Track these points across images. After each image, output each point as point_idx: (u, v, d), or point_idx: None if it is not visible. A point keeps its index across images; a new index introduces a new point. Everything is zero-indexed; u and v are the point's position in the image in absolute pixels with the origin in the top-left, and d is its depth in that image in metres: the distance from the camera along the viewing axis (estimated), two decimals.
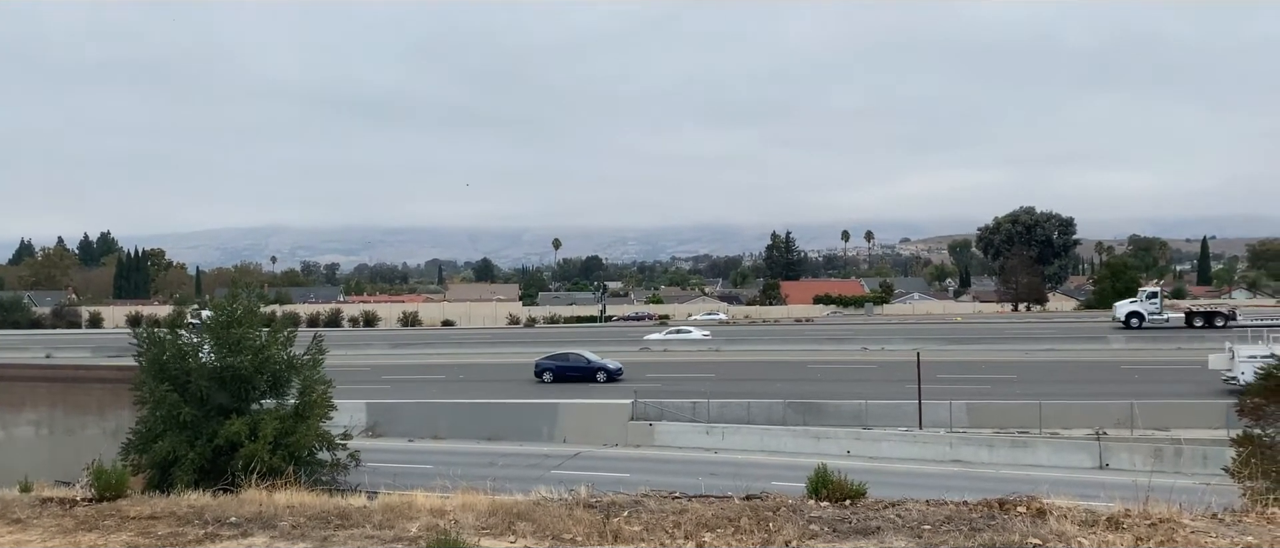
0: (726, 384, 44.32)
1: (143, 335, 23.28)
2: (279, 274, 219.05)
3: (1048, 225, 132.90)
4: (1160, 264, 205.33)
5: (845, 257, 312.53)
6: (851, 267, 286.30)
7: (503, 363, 56.87)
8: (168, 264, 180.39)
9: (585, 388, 44.41)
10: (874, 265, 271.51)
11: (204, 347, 23.14)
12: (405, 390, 44.96)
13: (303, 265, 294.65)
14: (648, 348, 62.89)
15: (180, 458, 21.32)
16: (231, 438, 21.29)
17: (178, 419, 21.72)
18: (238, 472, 19.44)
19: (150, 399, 22.17)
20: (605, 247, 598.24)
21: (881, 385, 42.53)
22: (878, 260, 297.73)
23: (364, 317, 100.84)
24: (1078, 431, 34.26)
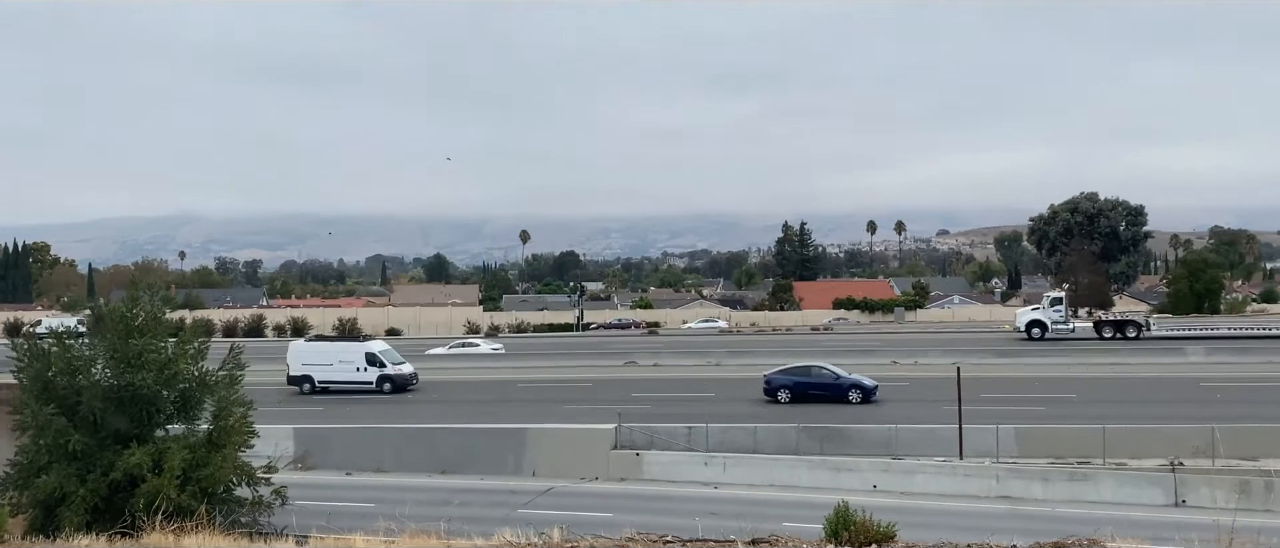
0: (729, 405, 44.33)
1: (22, 347, 23.16)
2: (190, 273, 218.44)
3: (1113, 215, 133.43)
4: (1248, 261, 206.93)
5: (871, 252, 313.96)
6: (878, 264, 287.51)
7: (459, 380, 56.71)
8: (54, 261, 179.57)
9: (565, 408, 44.37)
10: (906, 263, 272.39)
11: (97, 361, 23.04)
12: (342, 413, 44.79)
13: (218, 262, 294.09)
14: (633, 363, 62.87)
15: (69, 496, 21.21)
16: (131, 471, 21.20)
17: (66, 449, 21.60)
18: (139, 512, 19.35)
19: (32, 425, 22.05)
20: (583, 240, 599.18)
21: (914, 407, 42.60)
22: (910, 257, 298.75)
23: (292, 324, 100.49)
24: (1149, 460, 34.43)
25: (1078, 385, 48.85)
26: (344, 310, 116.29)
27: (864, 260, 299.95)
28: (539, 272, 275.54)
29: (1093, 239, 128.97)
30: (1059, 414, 40.81)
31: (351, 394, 50.73)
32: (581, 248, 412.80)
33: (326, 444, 38.87)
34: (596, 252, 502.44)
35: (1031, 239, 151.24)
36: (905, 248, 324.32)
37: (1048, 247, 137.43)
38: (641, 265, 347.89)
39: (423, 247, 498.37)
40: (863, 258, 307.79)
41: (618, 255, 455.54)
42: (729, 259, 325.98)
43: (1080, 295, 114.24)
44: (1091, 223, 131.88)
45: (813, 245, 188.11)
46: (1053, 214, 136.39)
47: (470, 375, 58.93)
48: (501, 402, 48.17)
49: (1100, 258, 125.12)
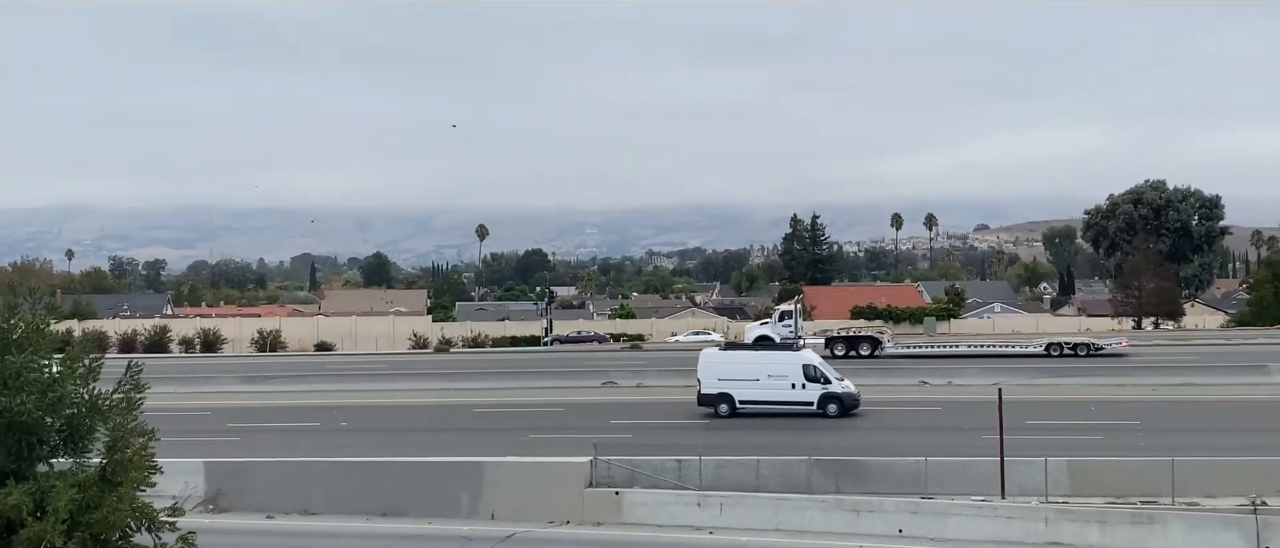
0: (726, 434, 44.40)
1: None
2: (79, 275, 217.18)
3: (1184, 207, 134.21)
4: None
5: (896, 251, 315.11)
6: (905, 265, 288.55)
7: (406, 405, 56.72)
8: None
9: (530, 438, 44.30)
10: (937, 263, 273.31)
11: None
12: (262, 445, 44.71)
13: (113, 263, 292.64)
14: (612, 384, 62.95)
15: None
16: (7, 514, 21.09)
17: None
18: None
19: None
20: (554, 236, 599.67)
21: (948, 436, 42.74)
22: (943, 256, 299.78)
23: (202, 337, 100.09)
24: (1226, 499, 34.59)
25: (1142, 411, 49.11)
26: (265, 321, 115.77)
27: (888, 261, 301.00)
28: (499, 274, 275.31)
29: (1159, 236, 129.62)
30: (1119, 444, 41.01)
31: (783, 416, 48.47)
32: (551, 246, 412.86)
33: (244, 481, 38.72)
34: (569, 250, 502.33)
35: (1086, 236, 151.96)
36: (937, 246, 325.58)
37: (1106, 245, 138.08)
38: (623, 267, 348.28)
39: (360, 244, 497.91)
40: (886, 258, 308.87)
41: (594, 254, 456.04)
42: (727, 259, 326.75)
43: (1145, 303, 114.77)
44: (1158, 217, 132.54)
45: (827, 243, 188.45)
46: (1112, 206, 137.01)
47: (416, 399, 58.92)
48: (454, 430, 48.16)
49: (1168, 258, 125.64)
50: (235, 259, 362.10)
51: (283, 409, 56.23)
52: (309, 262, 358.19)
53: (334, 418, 52.49)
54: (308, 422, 51.30)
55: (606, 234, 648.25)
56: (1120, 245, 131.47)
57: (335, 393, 62.16)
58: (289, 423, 51.19)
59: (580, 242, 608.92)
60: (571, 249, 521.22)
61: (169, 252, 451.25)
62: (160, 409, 30.24)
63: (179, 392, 59.38)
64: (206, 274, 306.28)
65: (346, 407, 56.17)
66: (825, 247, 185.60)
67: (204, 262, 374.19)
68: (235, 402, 59.55)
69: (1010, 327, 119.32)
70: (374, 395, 60.95)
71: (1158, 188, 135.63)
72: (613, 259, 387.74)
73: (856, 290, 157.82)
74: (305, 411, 55.19)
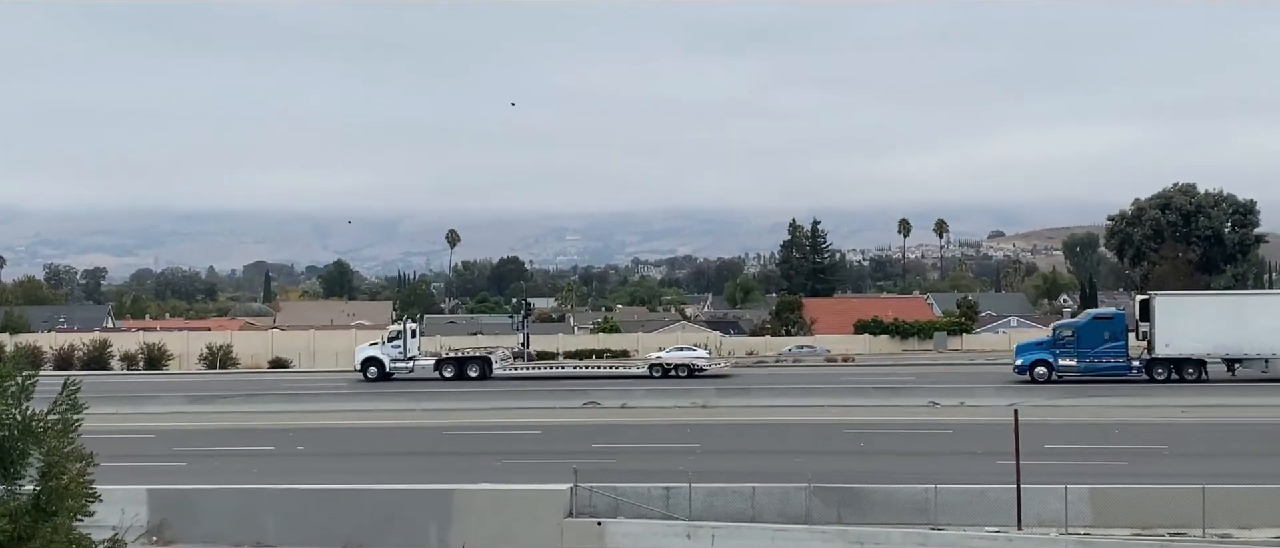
0: (718, 459, 44.34)
1: None
2: (11, 285, 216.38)
3: (1216, 213, 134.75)
4: None
5: (904, 260, 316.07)
6: (913, 275, 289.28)
7: (369, 427, 56.63)
8: None
9: (504, 463, 44.27)
10: (948, 274, 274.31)
11: None
12: (211, 470, 44.54)
13: (49, 271, 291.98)
14: (595, 404, 62.99)
15: None
16: None
17: None
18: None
19: None
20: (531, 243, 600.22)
21: (959, 461, 42.77)
22: (954, 266, 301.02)
23: (146, 353, 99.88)
24: (1263, 531, 34.69)
25: (1170, 434, 49.17)
26: (215, 335, 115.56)
27: (895, 270, 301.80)
28: (472, 284, 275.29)
29: (1189, 244, 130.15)
30: (1146, 471, 41.05)
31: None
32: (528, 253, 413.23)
33: (191, 510, 38.55)
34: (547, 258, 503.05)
35: (1110, 244, 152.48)
36: (948, 254, 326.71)
37: (1131, 253, 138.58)
38: (606, 276, 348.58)
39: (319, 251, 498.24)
40: (893, 267, 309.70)
41: (575, 263, 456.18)
42: (720, 268, 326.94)
43: None
44: (1188, 223, 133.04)
45: (829, 251, 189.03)
46: (1137, 212, 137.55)
47: (380, 421, 58.86)
48: (421, 454, 48.06)
49: (1199, 268, 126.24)
50: (183, 268, 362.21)
51: (234, 432, 56.05)
52: (263, 270, 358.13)
53: (290, 441, 52.25)
54: (261, 445, 51.10)
55: (589, 241, 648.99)
56: (1147, 254, 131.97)
57: (292, 414, 61.85)
58: (241, 447, 51.01)
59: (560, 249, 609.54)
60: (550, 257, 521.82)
61: (110, 259, 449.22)
62: (100, 431, 30.06)
63: (120, 412, 59.06)
64: (151, 284, 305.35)
65: (304, 429, 55.87)
66: (827, 255, 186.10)
67: (149, 270, 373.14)
68: (182, 423, 59.31)
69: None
70: (334, 417, 60.81)
71: (1187, 192, 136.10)
72: (595, 268, 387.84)
73: (861, 303, 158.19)
74: (258, 433, 54.95)
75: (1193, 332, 64.70)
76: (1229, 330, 64.25)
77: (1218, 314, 65.69)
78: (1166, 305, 66.92)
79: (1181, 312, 66.21)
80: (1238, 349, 64.54)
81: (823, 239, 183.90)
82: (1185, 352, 64.93)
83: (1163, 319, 65.34)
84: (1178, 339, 64.83)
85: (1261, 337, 64.08)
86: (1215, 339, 64.62)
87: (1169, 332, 65.14)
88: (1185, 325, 64.87)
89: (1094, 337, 66.58)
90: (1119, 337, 66.39)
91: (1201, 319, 65.19)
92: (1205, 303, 70.76)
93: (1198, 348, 64.90)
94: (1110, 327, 67.45)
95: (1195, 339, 64.80)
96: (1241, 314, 65.30)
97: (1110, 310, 74.29)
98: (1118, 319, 69.15)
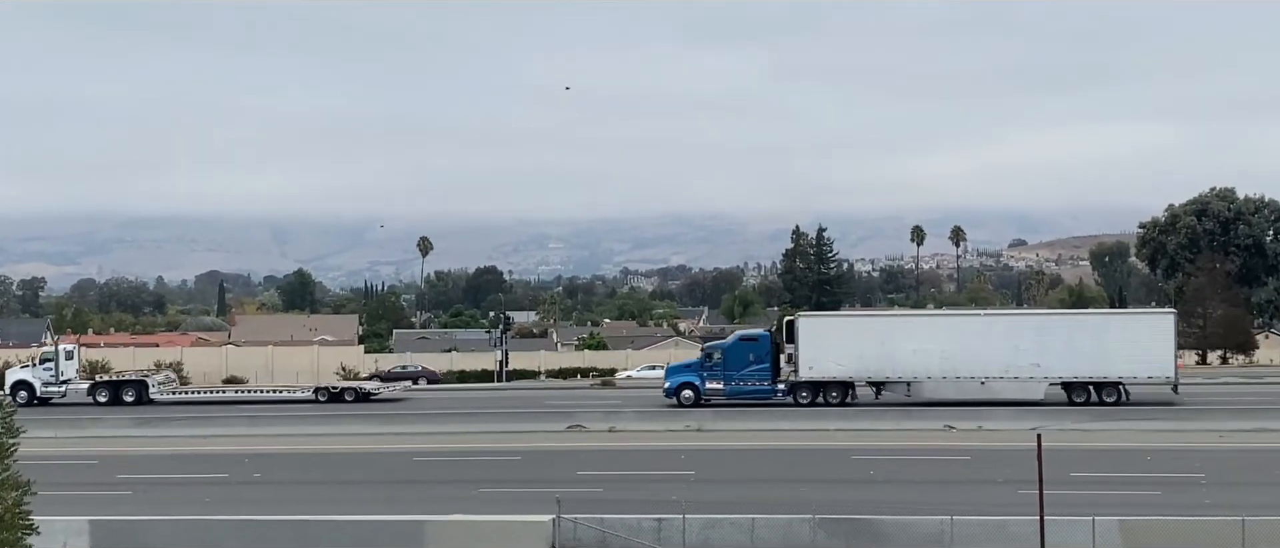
0: (715, 488, 44.14)
1: None
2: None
3: (1257, 219, 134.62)
4: None
5: (917, 270, 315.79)
6: (928, 287, 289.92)
7: (332, 452, 56.37)
8: None
9: (481, 492, 43.90)
10: (966, 285, 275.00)
11: None
12: (160, 500, 44.18)
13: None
14: (580, 427, 62.75)
15: None
16: None
17: None
18: None
19: None
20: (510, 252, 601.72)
21: (977, 490, 42.55)
22: (972, 277, 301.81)
23: (89, 371, 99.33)
24: None
25: (1207, 461, 48.96)
26: (164, 352, 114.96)
27: (907, 282, 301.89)
28: (445, 296, 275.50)
29: (1228, 254, 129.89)
30: (1180, 501, 40.83)
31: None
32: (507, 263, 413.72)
33: (137, 542, 38.24)
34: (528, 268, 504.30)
35: (1141, 254, 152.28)
36: (965, 264, 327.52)
37: (1164, 264, 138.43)
38: (592, 288, 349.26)
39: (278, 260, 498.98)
40: (906, 278, 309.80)
41: (558, 273, 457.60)
42: (717, 279, 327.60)
43: (1211, 334, 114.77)
44: (1226, 231, 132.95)
45: (835, 260, 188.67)
46: (1171, 219, 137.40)
47: (345, 446, 58.63)
48: (390, 482, 47.81)
49: (1238, 281, 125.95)
50: (129, 278, 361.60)
51: (184, 457, 55.89)
52: (217, 280, 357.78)
53: (246, 468, 52.07)
54: (214, 472, 50.93)
55: (573, 249, 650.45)
56: (1181, 265, 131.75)
57: (248, 438, 61.82)
58: (192, 474, 50.84)
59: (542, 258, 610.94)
60: (531, 267, 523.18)
61: (49, 268, 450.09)
62: (38, 457, 29.51)
63: (60, 437, 58.88)
64: (94, 295, 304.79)
65: (261, 454, 55.73)
66: (833, 265, 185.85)
67: (91, 280, 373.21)
68: (127, 448, 58.98)
69: None
70: (294, 441, 60.55)
71: (1226, 197, 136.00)
72: (580, 279, 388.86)
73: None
74: (211, 459, 54.85)
75: (836, 354, 66.92)
76: (873, 353, 66.53)
77: (861, 336, 68.33)
78: (810, 327, 68.98)
79: (825, 334, 68.63)
80: (881, 372, 66.70)
81: (829, 248, 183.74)
82: (829, 374, 66.86)
83: (807, 341, 67.14)
84: (821, 362, 66.81)
85: (905, 359, 66.26)
86: (858, 362, 66.82)
87: (813, 354, 66.94)
88: (829, 348, 67.06)
89: (740, 359, 68.36)
90: (764, 359, 68.08)
91: (845, 341, 67.64)
92: (849, 325, 74.97)
93: (841, 371, 66.94)
94: (755, 349, 69.02)
95: (838, 362, 66.97)
96: (885, 336, 67.95)
97: (756, 332, 75.96)
98: (763, 341, 70.55)
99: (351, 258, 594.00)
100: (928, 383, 66.04)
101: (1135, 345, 66.08)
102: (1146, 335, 67.22)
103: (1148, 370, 65.82)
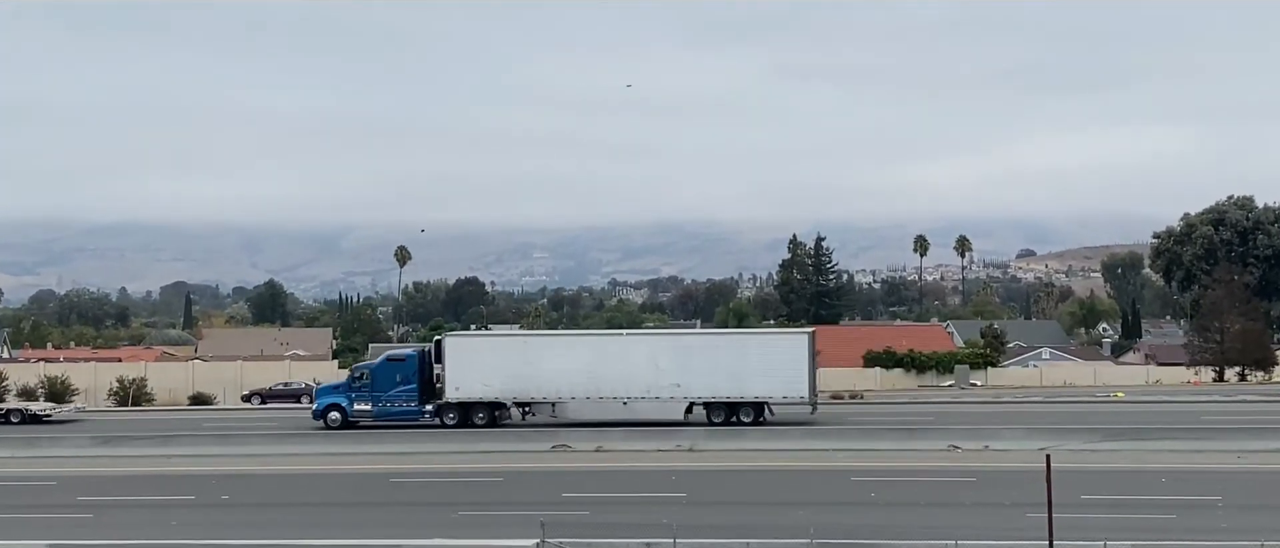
0: (707, 511, 44.18)
1: None
2: None
3: (1276, 229, 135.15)
4: None
5: (921, 282, 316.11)
6: (931, 299, 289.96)
7: (304, 473, 56.35)
8: None
9: (460, 515, 44.11)
10: (971, 298, 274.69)
11: None
12: (123, 523, 44.27)
13: None
14: (565, 447, 62.87)
15: None
16: None
17: None
18: None
19: None
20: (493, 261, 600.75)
21: (984, 513, 42.70)
22: (978, 289, 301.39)
23: (47, 387, 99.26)
24: None
25: (1225, 483, 49.15)
26: (127, 367, 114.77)
27: (910, 294, 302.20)
28: (424, 309, 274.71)
29: (1246, 265, 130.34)
30: (1196, 526, 40.97)
31: None
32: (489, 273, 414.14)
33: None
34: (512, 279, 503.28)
35: (1155, 265, 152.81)
36: (970, 276, 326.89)
37: (1180, 276, 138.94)
38: (579, 300, 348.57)
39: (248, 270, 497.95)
40: (908, 290, 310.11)
41: (544, 284, 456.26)
42: (710, 291, 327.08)
43: (1228, 349, 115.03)
44: (1244, 241, 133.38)
45: (834, 271, 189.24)
46: (1187, 228, 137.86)
47: (318, 466, 58.57)
48: (366, 504, 47.83)
49: (1258, 294, 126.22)
50: (90, 289, 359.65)
51: (148, 478, 55.60)
52: (183, 292, 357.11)
53: (214, 489, 51.99)
54: (180, 494, 50.77)
55: (559, 259, 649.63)
56: (1198, 277, 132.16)
57: (215, 458, 61.60)
58: (157, 495, 50.58)
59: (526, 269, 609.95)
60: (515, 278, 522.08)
61: (6, 278, 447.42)
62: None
63: (16, 457, 58.99)
64: (54, 307, 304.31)
65: (230, 475, 55.63)
66: (832, 276, 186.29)
67: (51, 291, 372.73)
68: (88, 469, 58.71)
69: (1060, 378, 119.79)
70: (265, 462, 60.40)
71: (1244, 206, 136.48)
72: (567, 290, 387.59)
73: (871, 331, 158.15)
74: (177, 480, 54.68)
75: (483, 375, 69.25)
76: (519, 373, 69.17)
77: (508, 356, 70.95)
78: (457, 347, 71.44)
79: (472, 354, 71.42)
80: (526, 392, 69.29)
81: (827, 258, 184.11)
82: (475, 395, 69.32)
83: (454, 362, 69.43)
84: (468, 382, 69.09)
85: (550, 380, 68.66)
86: (504, 382, 69.26)
87: (460, 375, 69.15)
88: (476, 368, 69.40)
89: (388, 379, 70.54)
90: (411, 379, 70.29)
91: (492, 362, 70.30)
92: (495, 344, 77.53)
93: (487, 391, 69.20)
94: (402, 369, 70.99)
95: (485, 383, 69.24)
96: (530, 356, 70.36)
97: (404, 351, 78.16)
98: (410, 361, 72.38)
99: (325, 268, 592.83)
100: (572, 403, 68.58)
101: (773, 366, 69.00)
102: (784, 356, 70.12)
103: (784, 390, 68.61)
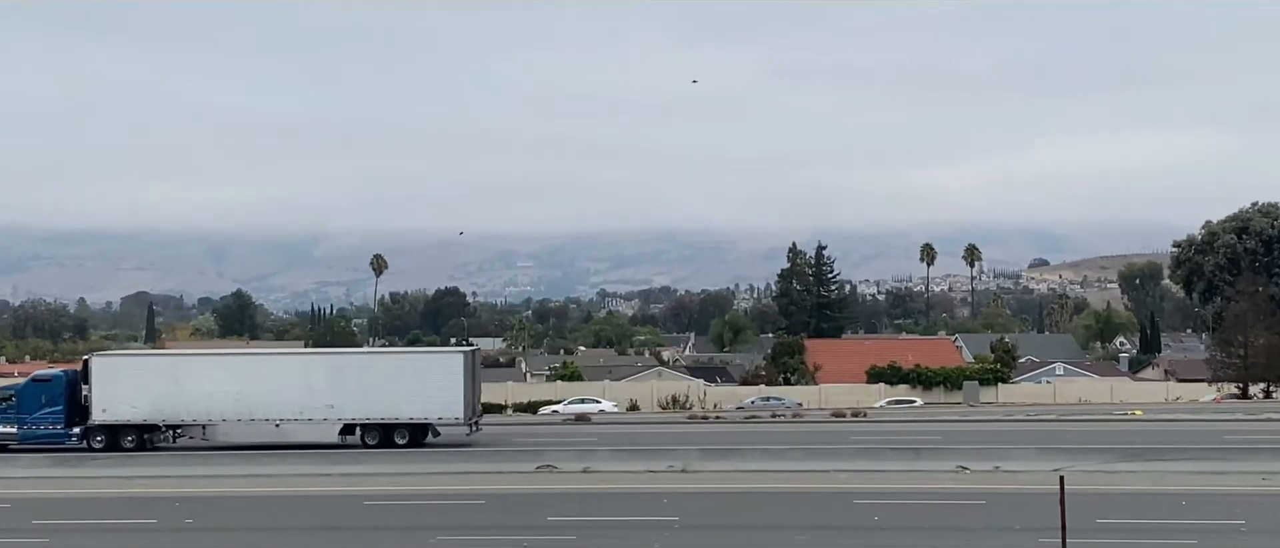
0: (701, 535, 44.25)
1: None
2: None
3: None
4: None
5: (927, 293, 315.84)
6: (939, 311, 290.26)
7: (273, 495, 56.30)
8: None
9: (438, 540, 44.08)
10: (980, 311, 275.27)
11: None
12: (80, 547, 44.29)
13: None
14: (551, 468, 62.84)
15: None
16: None
17: None
18: None
19: None
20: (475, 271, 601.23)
21: (993, 538, 42.76)
22: (988, 300, 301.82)
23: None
24: None
25: (1249, 506, 49.19)
26: None
27: (916, 306, 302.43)
28: (401, 321, 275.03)
29: (1271, 276, 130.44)
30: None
31: None
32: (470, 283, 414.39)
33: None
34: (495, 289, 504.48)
35: (1175, 276, 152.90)
36: (980, 287, 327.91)
37: (1201, 287, 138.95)
38: (566, 312, 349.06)
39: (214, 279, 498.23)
40: (914, 301, 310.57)
41: (528, 295, 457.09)
42: (704, 302, 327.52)
43: (1253, 364, 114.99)
44: (1269, 251, 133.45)
45: (836, 281, 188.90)
46: (1209, 237, 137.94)
47: (288, 488, 58.51)
48: (338, 529, 47.80)
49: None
50: (47, 299, 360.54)
51: (108, 501, 55.59)
52: (146, 303, 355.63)
53: (177, 512, 51.88)
54: (140, 517, 50.64)
55: (544, 268, 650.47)
56: (1220, 288, 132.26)
57: (178, 479, 61.53)
58: (116, 519, 50.43)
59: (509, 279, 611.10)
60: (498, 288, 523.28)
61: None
62: None
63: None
64: (8, 319, 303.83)
65: (194, 497, 55.51)
66: (834, 287, 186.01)
67: (5, 302, 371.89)
68: (44, 490, 58.69)
69: (1075, 394, 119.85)
70: (231, 483, 60.37)
71: (1269, 213, 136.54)
72: (553, 302, 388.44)
73: (875, 345, 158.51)
74: (138, 503, 54.55)
75: (130, 396, 70.36)
76: (167, 395, 70.47)
77: (156, 378, 72.23)
78: (103, 368, 72.45)
79: (119, 375, 72.28)
80: (175, 414, 70.61)
81: (829, 268, 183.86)
82: (123, 417, 70.19)
83: (100, 383, 70.67)
84: (115, 404, 70.04)
85: (200, 401, 70.44)
86: (153, 404, 70.38)
87: (107, 396, 70.15)
88: (124, 390, 70.53)
89: (33, 401, 71.28)
90: (57, 401, 70.99)
91: (140, 383, 71.34)
92: (142, 365, 79.20)
93: (135, 414, 70.46)
94: (48, 390, 72.00)
95: (132, 405, 70.35)
96: (179, 377, 72.12)
97: (50, 373, 79.46)
98: (56, 382, 73.28)
99: (296, 278, 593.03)
100: (222, 426, 70.35)
101: (428, 386, 70.90)
102: (439, 376, 71.85)
103: (439, 411, 70.69)
